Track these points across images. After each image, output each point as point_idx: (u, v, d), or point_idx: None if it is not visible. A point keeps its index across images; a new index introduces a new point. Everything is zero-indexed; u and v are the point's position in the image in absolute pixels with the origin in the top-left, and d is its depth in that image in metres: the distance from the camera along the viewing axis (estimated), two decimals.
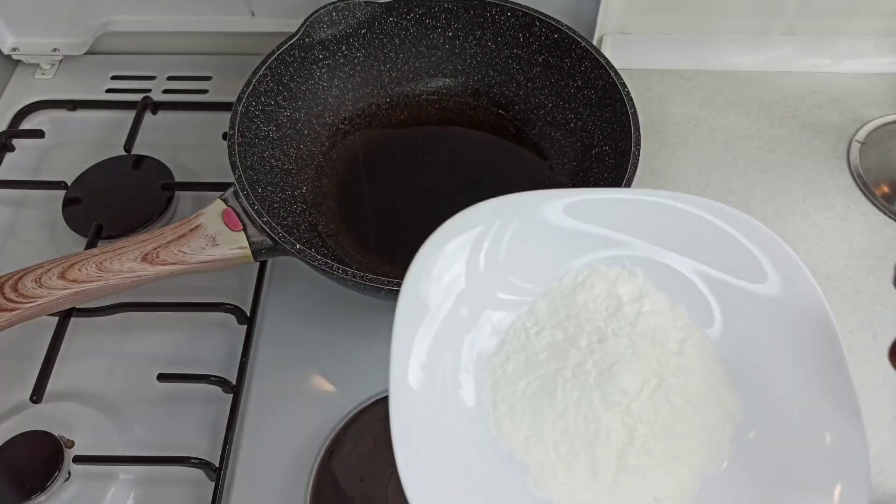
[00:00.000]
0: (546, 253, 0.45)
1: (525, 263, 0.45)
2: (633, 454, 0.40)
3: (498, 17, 0.67)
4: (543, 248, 0.45)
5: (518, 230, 0.45)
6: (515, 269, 0.45)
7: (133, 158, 0.70)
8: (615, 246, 0.46)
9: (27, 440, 0.53)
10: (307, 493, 0.51)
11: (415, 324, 0.41)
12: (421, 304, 0.41)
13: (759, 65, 0.77)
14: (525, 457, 0.40)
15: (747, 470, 0.40)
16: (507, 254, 0.45)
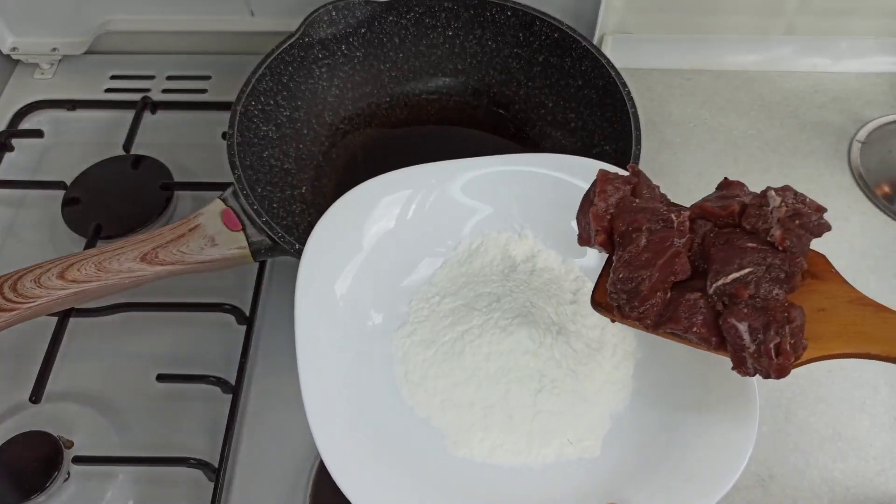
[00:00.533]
0: (444, 223, 0.49)
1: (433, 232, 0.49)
2: (544, 401, 0.42)
3: (498, 16, 0.67)
4: (444, 218, 0.49)
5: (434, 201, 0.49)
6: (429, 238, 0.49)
7: (132, 158, 0.70)
8: (504, 212, 0.49)
9: (27, 440, 0.53)
10: (307, 493, 0.51)
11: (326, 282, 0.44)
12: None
13: (759, 65, 0.77)
14: (441, 422, 0.43)
15: (650, 401, 0.43)
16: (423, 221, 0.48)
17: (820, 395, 0.56)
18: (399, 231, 0.48)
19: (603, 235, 0.38)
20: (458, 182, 0.49)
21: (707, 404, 0.41)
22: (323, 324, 0.43)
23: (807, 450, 0.54)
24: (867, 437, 0.54)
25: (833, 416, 0.55)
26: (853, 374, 0.57)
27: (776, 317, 0.33)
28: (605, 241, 0.38)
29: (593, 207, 0.38)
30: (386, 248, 0.47)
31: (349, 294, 0.45)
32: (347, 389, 0.42)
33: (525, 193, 0.49)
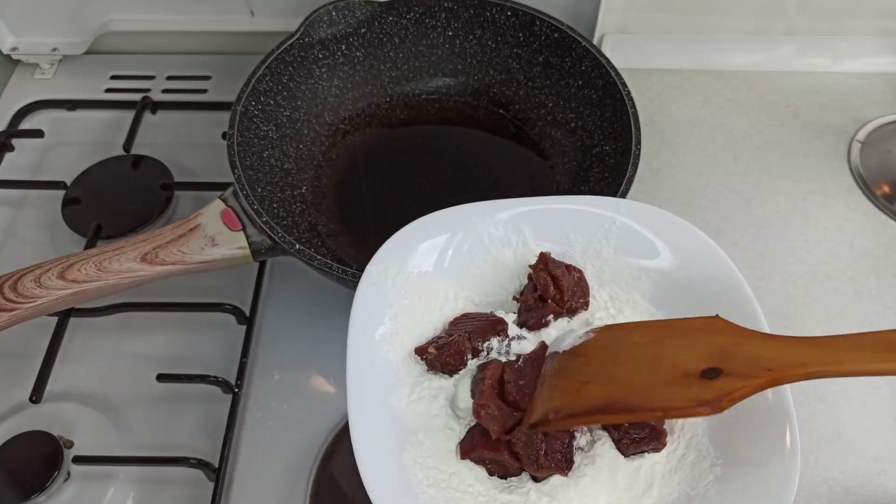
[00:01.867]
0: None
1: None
2: None
3: (498, 16, 0.67)
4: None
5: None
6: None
7: (132, 158, 0.70)
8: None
9: (27, 440, 0.53)
10: (307, 493, 0.51)
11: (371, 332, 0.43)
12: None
13: (759, 65, 0.77)
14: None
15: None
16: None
17: (820, 395, 0.56)
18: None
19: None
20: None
21: (749, 446, 0.40)
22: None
23: (807, 450, 0.54)
24: (867, 437, 0.54)
25: (833, 416, 0.55)
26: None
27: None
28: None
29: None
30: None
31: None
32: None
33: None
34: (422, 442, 0.41)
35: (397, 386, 0.43)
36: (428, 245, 0.46)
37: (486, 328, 0.43)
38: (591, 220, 0.47)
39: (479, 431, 0.40)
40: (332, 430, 0.54)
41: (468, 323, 0.44)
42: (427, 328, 0.45)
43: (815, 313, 0.60)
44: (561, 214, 0.47)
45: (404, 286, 0.45)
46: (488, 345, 0.43)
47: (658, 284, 0.46)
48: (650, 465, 0.40)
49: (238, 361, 0.57)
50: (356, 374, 0.41)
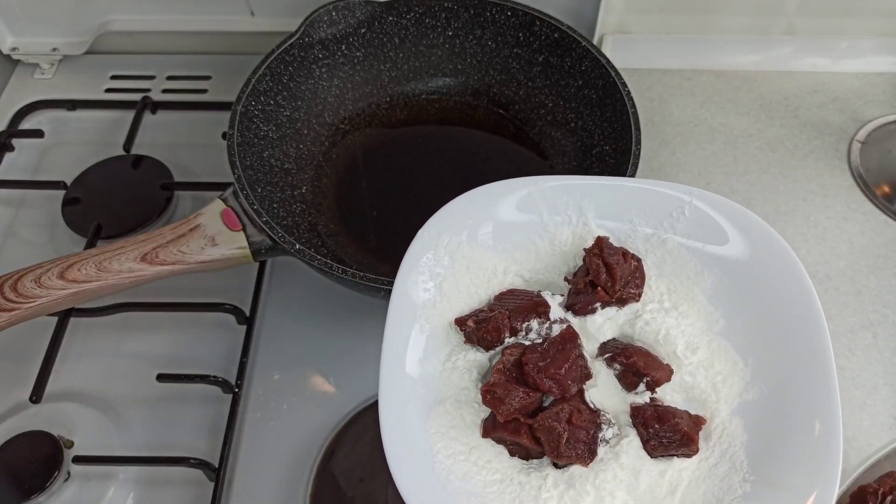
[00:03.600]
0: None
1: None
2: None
3: (498, 16, 0.67)
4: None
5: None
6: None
7: (132, 158, 0.70)
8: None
9: (27, 440, 0.53)
10: (307, 493, 0.51)
11: (406, 327, 0.42)
12: (412, 304, 0.42)
13: (759, 64, 0.77)
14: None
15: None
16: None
17: None
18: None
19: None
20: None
21: (788, 467, 0.38)
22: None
23: None
24: (867, 437, 0.54)
25: None
26: (853, 374, 0.57)
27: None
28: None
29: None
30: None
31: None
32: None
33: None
34: (448, 412, 0.40)
35: (433, 352, 0.42)
36: (482, 216, 0.45)
37: (528, 308, 0.42)
38: (661, 203, 0.45)
39: None
40: (333, 430, 0.54)
41: (512, 300, 0.43)
42: (472, 299, 0.44)
43: None
44: (628, 195, 0.45)
45: (454, 255, 0.44)
46: (527, 325, 0.42)
47: (720, 282, 0.44)
48: (677, 471, 0.39)
49: (238, 361, 0.57)
50: (394, 335, 0.40)
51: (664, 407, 0.40)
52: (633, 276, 0.43)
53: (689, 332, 0.43)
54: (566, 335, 0.41)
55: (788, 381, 0.40)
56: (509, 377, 0.40)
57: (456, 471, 0.38)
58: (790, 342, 0.41)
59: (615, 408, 0.41)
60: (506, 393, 0.39)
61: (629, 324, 0.44)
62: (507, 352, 0.41)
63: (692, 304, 0.44)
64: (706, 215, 0.44)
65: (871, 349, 0.58)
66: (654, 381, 0.41)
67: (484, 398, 0.39)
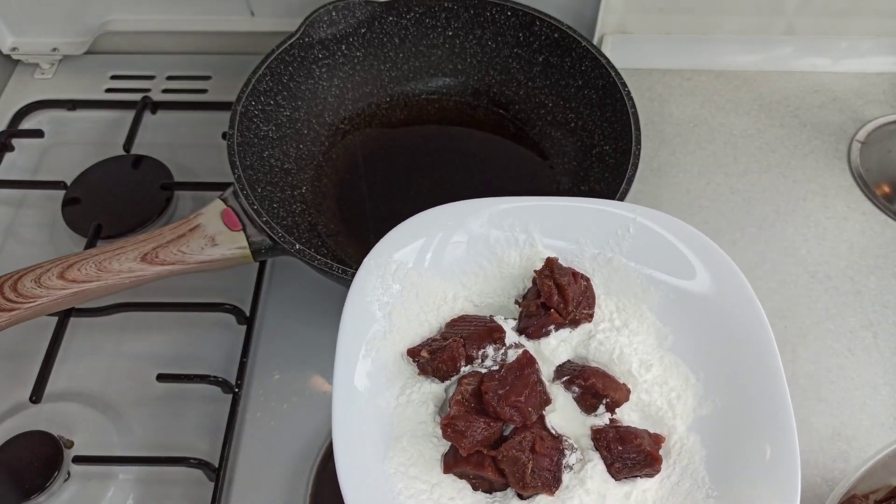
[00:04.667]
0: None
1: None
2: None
3: (498, 16, 0.67)
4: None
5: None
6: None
7: (132, 158, 0.70)
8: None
9: (27, 440, 0.53)
10: (307, 493, 0.51)
11: (361, 331, 0.41)
12: (367, 312, 0.41)
13: (759, 64, 0.77)
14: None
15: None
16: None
17: (820, 395, 0.56)
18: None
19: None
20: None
21: (749, 479, 0.39)
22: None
23: (807, 450, 0.54)
24: (867, 437, 0.54)
25: (833, 416, 0.55)
26: (853, 374, 0.57)
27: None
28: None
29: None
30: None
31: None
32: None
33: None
34: (406, 449, 0.39)
35: (386, 387, 0.41)
36: (429, 241, 0.44)
37: (483, 335, 0.42)
38: (605, 223, 0.45)
39: None
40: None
41: (465, 327, 0.43)
42: (422, 328, 0.43)
43: (815, 313, 0.60)
44: (573, 215, 0.45)
45: (402, 283, 0.43)
46: (483, 352, 0.41)
47: (667, 298, 0.44)
48: (641, 491, 0.39)
49: (238, 361, 0.57)
50: (344, 371, 0.39)
51: (625, 428, 0.40)
52: (584, 296, 0.43)
53: (642, 350, 0.43)
54: (523, 361, 0.40)
55: (741, 393, 0.40)
56: (469, 408, 0.39)
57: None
58: (739, 354, 0.41)
59: (576, 431, 0.41)
60: (467, 425, 0.38)
61: (583, 345, 0.43)
62: (464, 381, 0.40)
63: (641, 321, 0.44)
64: (651, 237, 0.44)
65: (871, 349, 0.58)
66: (613, 402, 0.41)
67: (444, 432, 0.38)
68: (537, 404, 0.40)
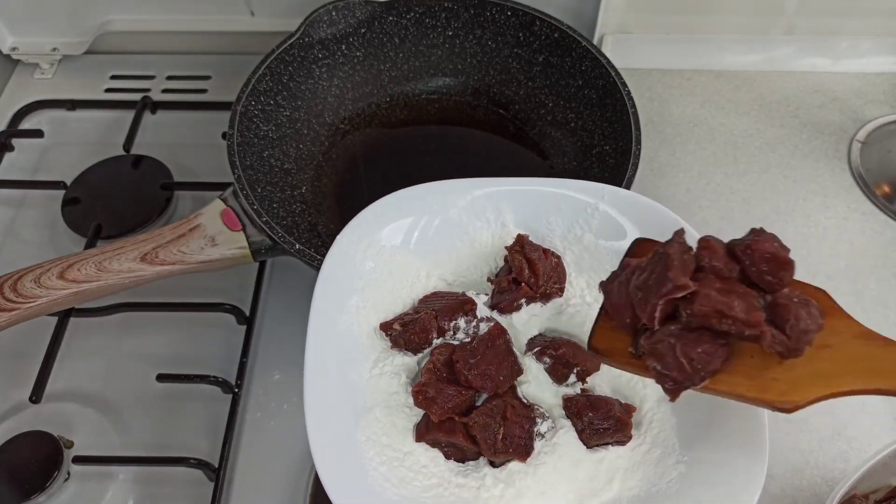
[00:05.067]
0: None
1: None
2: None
3: (498, 16, 0.67)
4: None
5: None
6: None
7: (132, 158, 0.70)
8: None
9: (27, 440, 0.53)
10: (307, 493, 0.51)
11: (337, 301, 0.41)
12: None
13: (759, 64, 0.77)
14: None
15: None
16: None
17: None
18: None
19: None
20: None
21: (718, 443, 0.40)
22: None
23: (807, 450, 0.54)
24: (867, 437, 0.54)
25: (833, 416, 0.55)
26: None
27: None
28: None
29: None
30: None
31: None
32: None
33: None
34: (378, 419, 0.40)
35: (359, 360, 0.41)
36: (402, 220, 0.45)
37: (454, 307, 0.42)
38: (574, 204, 0.46)
39: None
40: None
41: (437, 301, 0.43)
42: (395, 304, 0.44)
43: None
44: (543, 197, 0.46)
45: (375, 260, 0.44)
46: (455, 324, 0.42)
47: None
48: (613, 458, 0.40)
49: (238, 361, 0.57)
50: (316, 344, 0.39)
51: (596, 396, 0.41)
52: (555, 272, 0.44)
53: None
54: (494, 332, 0.41)
55: None
56: (440, 377, 0.40)
57: (391, 478, 0.38)
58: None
59: (548, 401, 0.42)
60: (438, 392, 0.39)
61: (554, 318, 0.44)
62: (435, 352, 0.41)
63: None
64: (615, 213, 0.45)
65: None
66: (584, 370, 0.41)
67: (416, 399, 0.39)
68: (508, 374, 0.40)
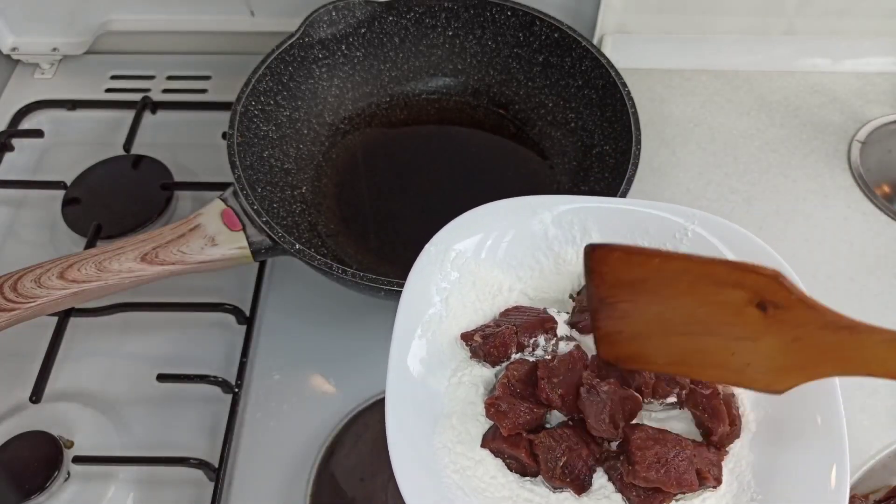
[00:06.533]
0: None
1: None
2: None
3: (498, 16, 0.67)
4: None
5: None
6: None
7: (132, 158, 0.70)
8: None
9: (27, 440, 0.53)
10: (307, 493, 0.51)
11: (415, 321, 0.42)
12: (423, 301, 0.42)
13: (759, 65, 0.77)
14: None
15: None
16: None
17: None
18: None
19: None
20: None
21: (795, 485, 0.38)
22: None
23: None
24: (867, 437, 0.54)
25: None
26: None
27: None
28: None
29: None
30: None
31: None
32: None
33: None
34: (454, 426, 0.40)
35: (439, 367, 0.42)
36: (488, 233, 0.45)
37: (535, 324, 0.42)
38: (663, 226, 0.45)
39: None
40: (333, 430, 0.54)
41: (518, 316, 0.43)
42: (477, 315, 0.44)
43: None
44: (631, 217, 0.45)
45: (460, 270, 0.44)
46: (534, 341, 0.42)
47: None
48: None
49: (238, 361, 0.57)
50: (399, 349, 0.40)
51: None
52: None
53: None
54: (576, 356, 0.41)
55: (794, 404, 0.39)
56: (513, 392, 0.40)
57: (464, 486, 0.38)
58: None
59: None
60: (510, 407, 0.39)
61: None
62: (511, 367, 0.41)
63: None
64: (707, 244, 0.44)
65: None
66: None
67: (488, 411, 0.39)
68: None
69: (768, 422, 0.40)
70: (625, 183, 0.55)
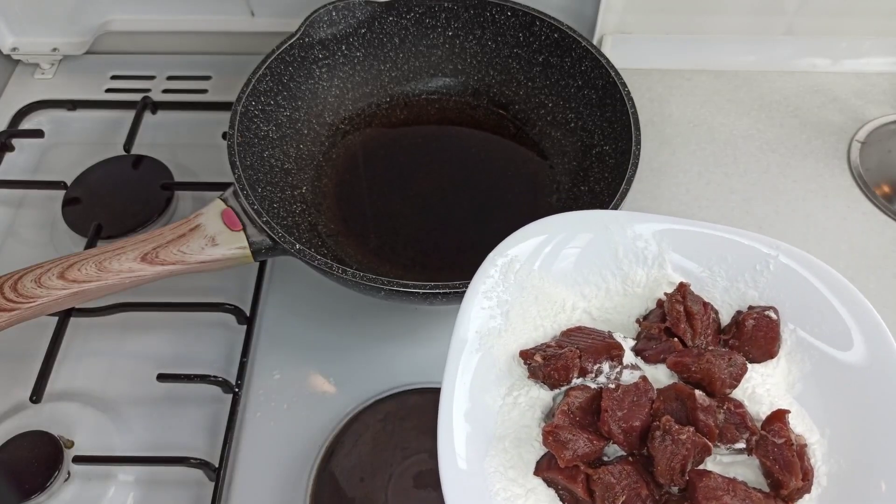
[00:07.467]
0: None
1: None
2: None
3: (498, 16, 0.67)
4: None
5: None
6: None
7: (132, 158, 0.70)
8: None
9: (27, 440, 0.53)
10: (307, 493, 0.51)
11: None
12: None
13: (759, 65, 0.77)
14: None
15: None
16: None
17: None
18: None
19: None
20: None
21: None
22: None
23: None
24: None
25: None
26: None
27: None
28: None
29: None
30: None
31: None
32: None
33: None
34: (507, 450, 0.38)
35: (494, 384, 0.39)
36: (556, 245, 0.42)
37: (601, 349, 0.39)
38: (744, 255, 0.42)
39: None
40: (333, 430, 0.54)
41: (582, 338, 0.40)
42: (537, 332, 0.42)
43: None
44: (710, 241, 0.43)
45: (525, 283, 0.41)
46: (598, 367, 0.39)
47: (798, 343, 0.40)
48: None
49: (238, 361, 0.57)
50: (454, 362, 0.38)
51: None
52: (710, 328, 0.41)
53: (773, 393, 0.40)
54: (641, 387, 0.38)
55: (869, 459, 0.37)
56: (573, 420, 0.37)
57: None
58: (873, 421, 0.38)
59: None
60: (570, 437, 0.36)
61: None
62: (572, 393, 0.38)
63: (772, 363, 0.41)
64: (794, 280, 0.41)
65: None
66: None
67: (545, 439, 0.36)
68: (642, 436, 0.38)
69: (841, 476, 0.38)
70: (625, 183, 0.55)
